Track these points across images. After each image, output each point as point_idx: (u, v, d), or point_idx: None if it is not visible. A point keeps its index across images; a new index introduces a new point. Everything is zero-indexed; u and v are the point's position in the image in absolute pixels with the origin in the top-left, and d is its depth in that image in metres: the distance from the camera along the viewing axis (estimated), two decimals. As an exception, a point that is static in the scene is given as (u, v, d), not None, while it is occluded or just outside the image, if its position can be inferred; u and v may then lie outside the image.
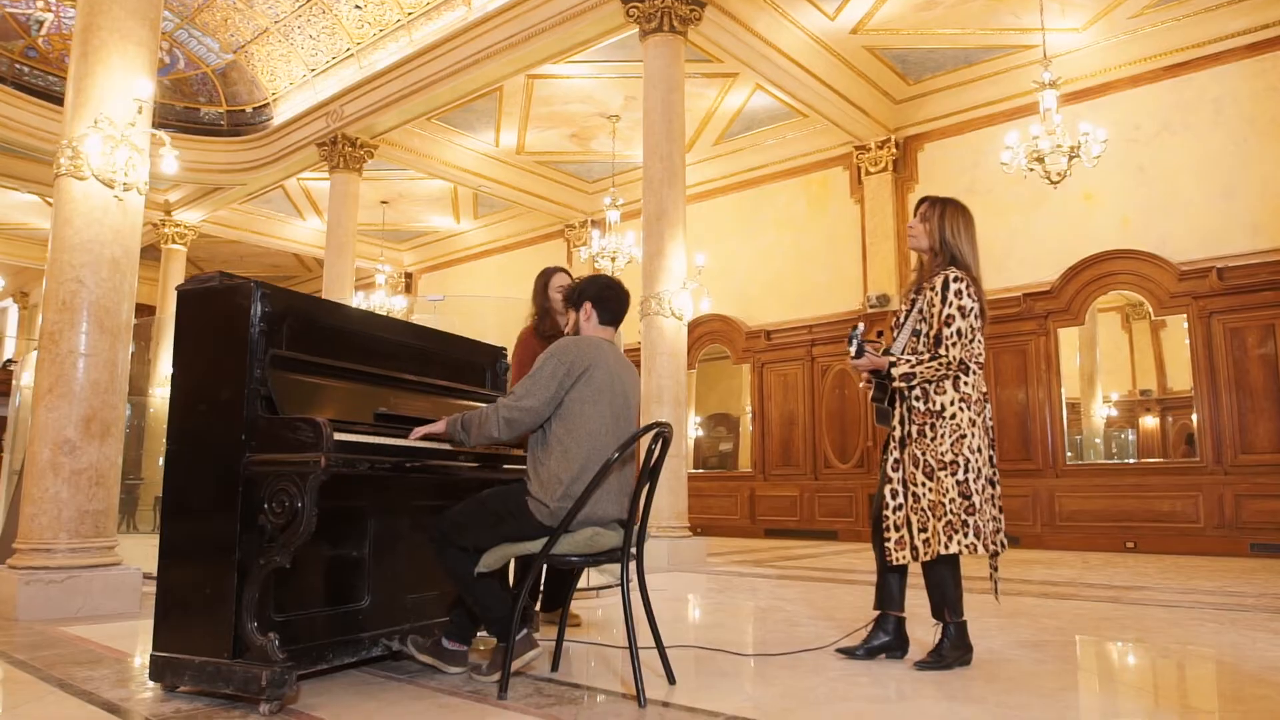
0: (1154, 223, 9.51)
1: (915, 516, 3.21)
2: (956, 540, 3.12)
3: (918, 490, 3.21)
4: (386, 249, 16.25)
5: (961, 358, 3.21)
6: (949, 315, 3.22)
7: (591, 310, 3.03)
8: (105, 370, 4.39)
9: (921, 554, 3.19)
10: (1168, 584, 6.07)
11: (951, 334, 3.21)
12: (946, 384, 3.23)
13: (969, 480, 3.17)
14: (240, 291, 2.66)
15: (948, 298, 3.24)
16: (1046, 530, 9.68)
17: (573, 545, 2.71)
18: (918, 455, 3.23)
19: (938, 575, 3.22)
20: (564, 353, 2.83)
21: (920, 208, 3.45)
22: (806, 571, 7.11)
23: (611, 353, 2.95)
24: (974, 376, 3.27)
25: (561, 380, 2.78)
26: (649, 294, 8.12)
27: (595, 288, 3.07)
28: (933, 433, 3.21)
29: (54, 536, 4.20)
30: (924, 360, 3.22)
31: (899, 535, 3.24)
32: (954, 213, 3.39)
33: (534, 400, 2.76)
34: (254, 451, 2.57)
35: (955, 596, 3.22)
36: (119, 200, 4.49)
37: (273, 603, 2.71)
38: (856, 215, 11.91)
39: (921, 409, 3.25)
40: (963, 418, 3.21)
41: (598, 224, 14.49)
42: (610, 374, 2.86)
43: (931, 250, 3.39)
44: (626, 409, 2.91)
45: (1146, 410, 10.38)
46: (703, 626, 4.28)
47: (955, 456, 3.18)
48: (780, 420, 12.47)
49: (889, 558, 3.24)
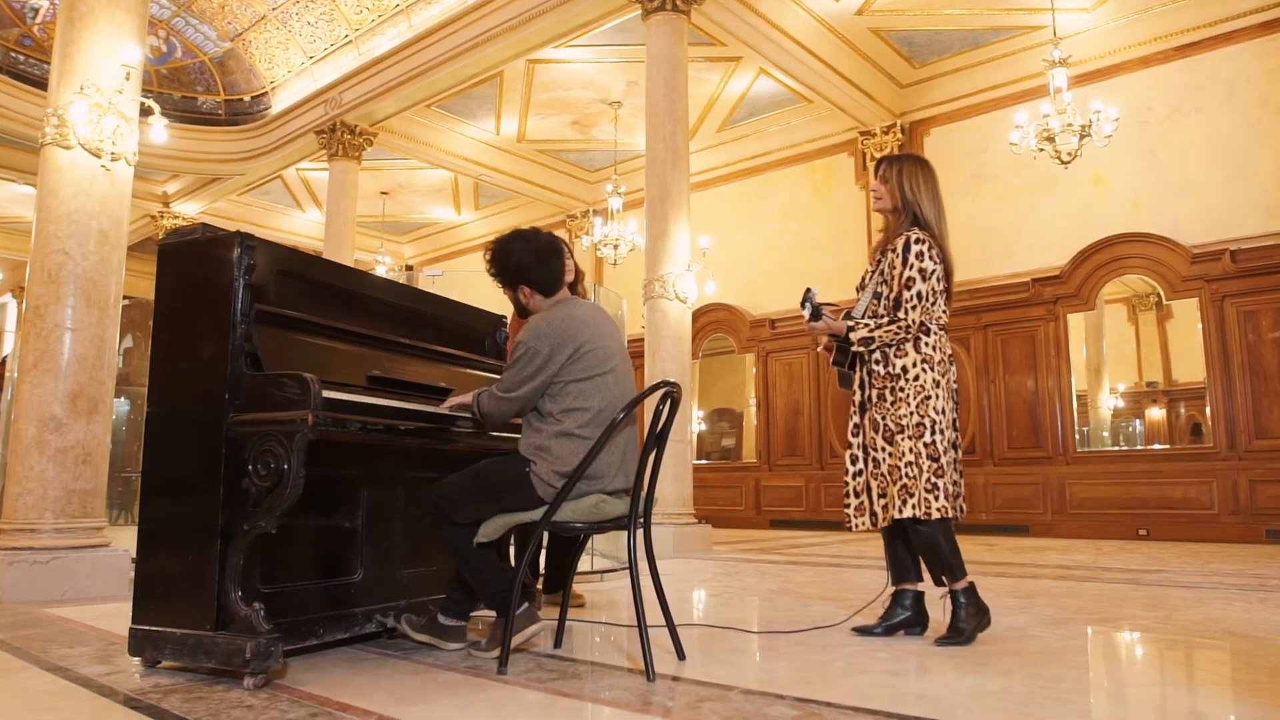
0: (1165, 205, 9.35)
1: (875, 482, 3.17)
2: (912, 503, 3.02)
3: (877, 455, 3.16)
4: (386, 241, 16.11)
5: (921, 320, 3.13)
6: (909, 278, 3.14)
7: (532, 291, 2.81)
8: (93, 345, 4.24)
9: (880, 519, 3.13)
10: (1186, 567, 5.91)
11: (911, 296, 3.13)
12: (907, 346, 3.16)
13: (935, 442, 3.07)
14: (222, 243, 2.52)
15: (908, 259, 3.16)
16: (1057, 518, 9.52)
17: (576, 512, 2.56)
18: (877, 419, 3.17)
19: (924, 540, 3.09)
20: (541, 336, 2.64)
21: (879, 169, 3.38)
22: (815, 558, 6.96)
23: (590, 317, 2.75)
24: (935, 338, 3.18)
25: (543, 366, 2.62)
26: (652, 277, 7.97)
27: (514, 263, 2.77)
28: (892, 396, 3.14)
29: (39, 516, 4.06)
30: (882, 324, 3.14)
31: (858, 501, 3.21)
32: (912, 168, 3.31)
33: (524, 391, 2.62)
34: (238, 411, 2.42)
35: (953, 559, 3.08)
36: (106, 170, 4.34)
37: (260, 573, 2.57)
38: (862, 202, 11.74)
39: (881, 372, 3.18)
40: (926, 379, 3.13)
41: (600, 213, 14.34)
42: (602, 345, 2.69)
43: (895, 210, 3.31)
44: (627, 371, 2.76)
45: (1153, 402, 10.22)
46: (711, 607, 4.13)
47: (921, 419, 3.09)
48: (785, 410, 12.32)
49: (848, 524, 3.21)
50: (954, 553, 3.09)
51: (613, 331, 2.79)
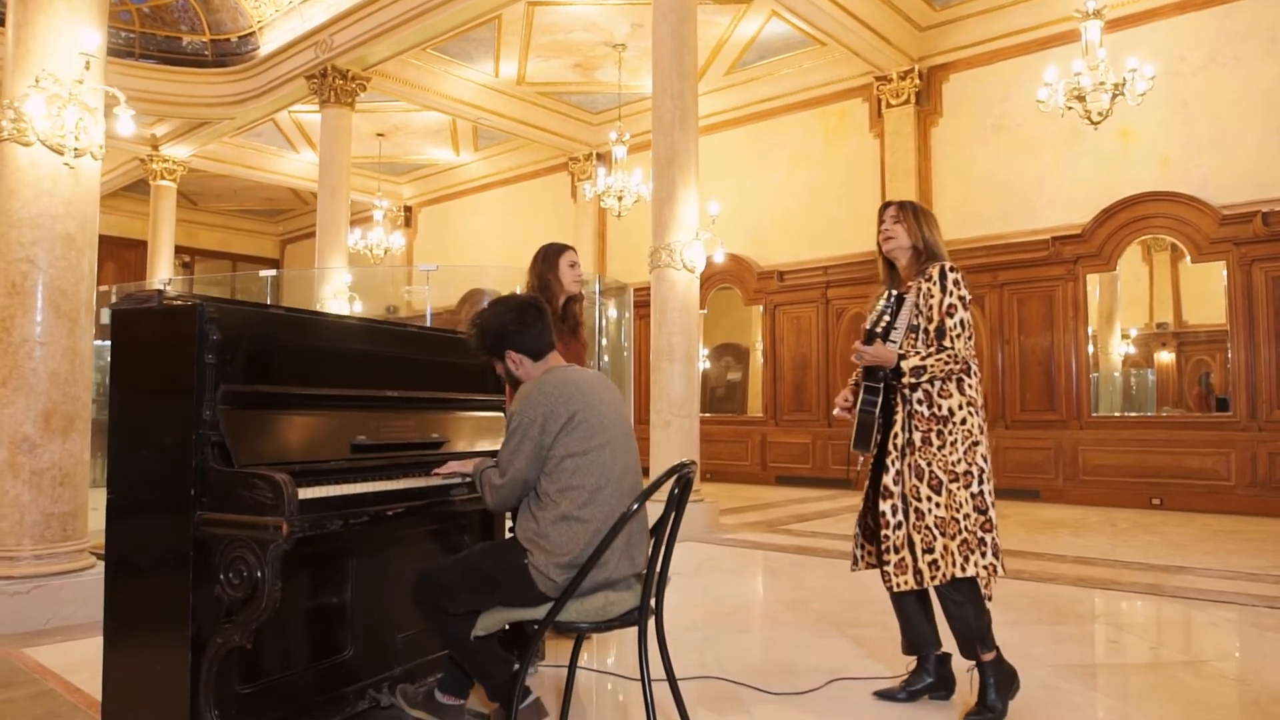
0: (1196, 162, 8.92)
1: (919, 535, 2.86)
2: (974, 561, 2.78)
3: (920, 506, 2.86)
4: (384, 182, 15.64)
5: (964, 354, 2.89)
6: (950, 305, 2.91)
7: (520, 357, 2.54)
8: (64, 359, 3.98)
9: (927, 578, 2.84)
10: (1207, 562, 5.75)
11: (955, 325, 2.89)
12: (951, 386, 2.91)
13: (984, 493, 2.84)
14: (183, 317, 2.24)
15: (947, 286, 2.93)
16: (1069, 484, 9.36)
17: (582, 613, 2.34)
18: (921, 466, 2.88)
19: (955, 604, 2.86)
20: (533, 404, 2.38)
21: (888, 211, 3.15)
22: (824, 539, 6.80)
23: (586, 384, 2.48)
24: (974, 379, 2.95)
25: (538, 439, 2.36)
26: (659, 245, 7.63)
27: (494, 329, 2.52)
28: (939, 440, 2.87)
29: (17, 544, 3.86)
30: (932, 352, 2.88)
31: (899, 558, 2.90)
32: (924, 211, 3.15)
33: (519, 465, 2.37)
34: (205, 509, 2.18)
35: (983, 626, 2.87)
36: (70, 168, 4.01)
37: (239, 672, 2.36)
38: (875, 151, 11.28)
39: (926, 414, 2.90)
40: (973, 423, 2.89)
41: (603, 158, 13.86)
42: (597, 414, 2.42)
43: (914, 249, 3.07)
44: (628, 446, 2.50)
45: (1163, 345, 9.97)
46: (722, 634, 3.96)
47: (969, 466, 2.85)
48: (793, 364, 12.08)
49: (888, 583, 2.91)
50: (983, 616, 2.88)
51: (612, 400, 2.53)
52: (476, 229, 16.51)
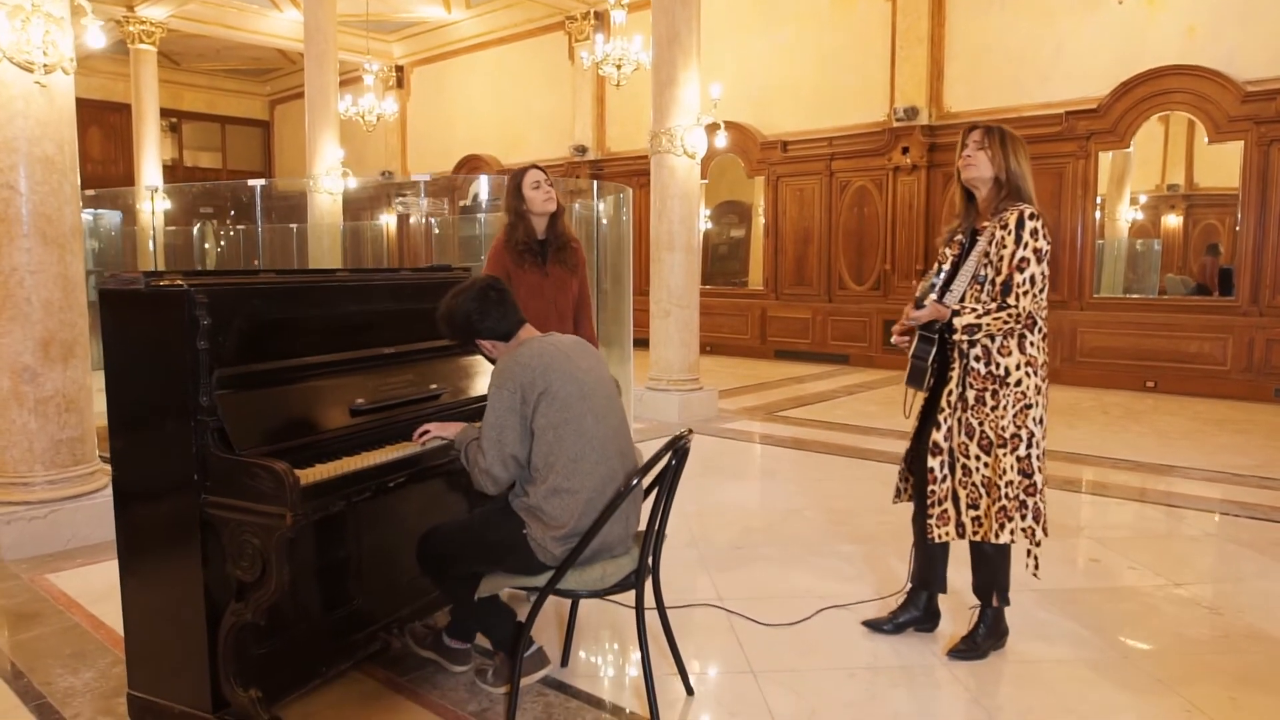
0: (1223, 33, 8.49)
1: (964, 491, 2.89)
2: (1010, 528, 2.83)
3: (969, 464, 2.87)
4: (374, 40, 14.95)
5: (1030, 310, 2.78)
6: (1023, 259, 2.76)
7: (490, 342, 2.56)
8: (56, 286, 3.94)
9: (969, 531, 2.89)
10: (1194, 459, 5.88)
11: (1024, 280, 2.76)
12: (1011, 343, 2.81)
13: (1031, 457, 2.83)
14: (172, 302, 2.19)
15: (1023, 237, 2.77)
16: (1066, 365, 9.43)
17: (581, 582, 2.42)
18: (973, 424, 2.86)
19: (986, 556, 2.95)
20: (510, 377, 2.39)
21: (973, 135, 2.91)
22: (823, 428, 6.93)
23: (562, 351, 2.47)
24: (1038, 335, 2.85)
25: (520, 410, 2.37)
26: (659, 129, 7.40)
27: (458, 319, 2.52)
28: (994, 400, 2.83)
29: (29, 470, 3.94)
30: (991, 309, 2.77)
31: (942, 509, 2.92)
32: (1014, 140, 2.89)
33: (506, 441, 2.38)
34: (210, 493, 2.21)
35: (1006, 580, 2.98)
36: (42, 86, 3.83)
37: (250, 632, 2.46)
38: (887, 13, 10.73)
39: (982, 371, 2.84)
40: (1028, 384, 2.82)
41: (600, 17, 13.21)
42: (575, 381, 2.41)
43: (995, 180, 2.88)
44: (611, 409, 2.51)
45: (1171, 208, 9.85)
46: (718, 553, 4.10)
47: (1018, 429, 2.82)
48: (794, 237, 11.94)
49: (931, 534, 2.94)
50: (1007, 573, 2.98)
51: (591, 364, 2.52)
52: (472, 93, 15.93)
